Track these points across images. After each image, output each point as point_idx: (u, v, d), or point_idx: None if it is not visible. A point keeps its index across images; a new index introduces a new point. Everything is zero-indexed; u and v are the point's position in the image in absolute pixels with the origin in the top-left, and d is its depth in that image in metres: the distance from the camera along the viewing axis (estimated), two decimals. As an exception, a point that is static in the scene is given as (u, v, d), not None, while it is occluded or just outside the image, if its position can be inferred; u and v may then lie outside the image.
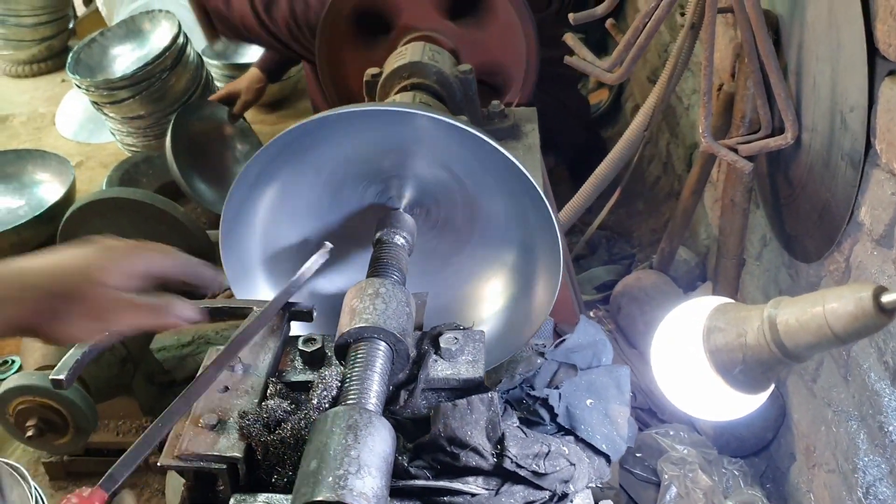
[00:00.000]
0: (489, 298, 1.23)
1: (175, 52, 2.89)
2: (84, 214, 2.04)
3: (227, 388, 1.03)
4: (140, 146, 3.08)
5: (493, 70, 1.83)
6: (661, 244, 2.12)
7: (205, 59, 3.21)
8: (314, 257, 1.10)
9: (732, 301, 0.79)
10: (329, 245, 1.11)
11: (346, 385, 0.95)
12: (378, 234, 1.14)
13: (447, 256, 1.24)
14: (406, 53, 1.62)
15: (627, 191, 2.39)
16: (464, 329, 1.08)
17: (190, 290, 0.92)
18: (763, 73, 1.44)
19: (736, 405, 0.77)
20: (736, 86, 1.51)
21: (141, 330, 0.86)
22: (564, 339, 1.46)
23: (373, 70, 1.64)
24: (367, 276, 1.08)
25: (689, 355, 0.76)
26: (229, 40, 2.59)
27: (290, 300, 1.09)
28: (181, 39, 2.93)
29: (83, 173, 3.31)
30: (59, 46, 4.04)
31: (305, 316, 1.12)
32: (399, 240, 1.14)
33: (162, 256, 0.88)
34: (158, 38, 3.11)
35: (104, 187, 2.80)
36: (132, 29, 3.16)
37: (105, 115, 3.03)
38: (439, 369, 1.02)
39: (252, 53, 3.41)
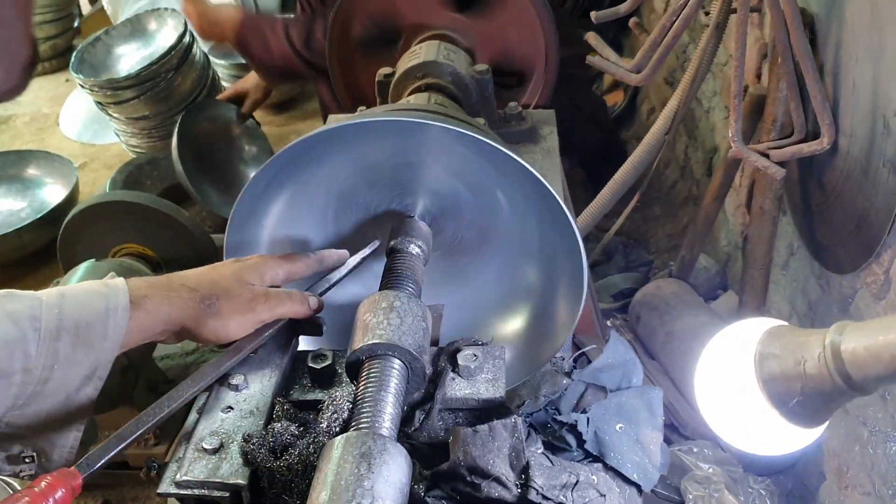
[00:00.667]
0: (508, 314, 1.17)
1: (181, 52, 2.84)
2: (86, 218, 1.98)
3: (230, 408, 0.97)
4: (145, 147, 3.02)
5: (511, 59, 1.76)
6: (682, 251, 2.05)
7: (211, 58, 3.15)
8: (361, 252, 1.09)
9: (785, 324, 0.71)
10: (377, 242, 1.08)
11: (357, 407, 0.88)
12: (392, 243, 1.09)
13: (463, 268, 1.19)
14: (420, 53, 1.56)
15: (644, 196, 2.31)
16: (483, 345, 1.01)
17: None
18: (797, 74, 1.36)
19: (791, 439, 0.69)
20: (767, 88, 1.44)
21: (285, 317, 0.96)
22: (584, 352, 1.40)
23: (385, 70, 1.58)
24: (381, 288, 1.03)
25: (738, 384, 0.69)
26: (278, 83, 2.65)
27: None
28: (187, 38, 2.87)
29: (87, 175, 3.26)
30: (63, 45, 3.99)
31: (314, 329, 1.05)
32: (414, 249, 1.08)
33: (292, 263, 1.00)
34: (164, 37, 3.06)
35: (108, 189, 2.74)
36: (137, 28, 3.11)
37: (109, 115, 2.98)
38: (457, 388, 0.96)
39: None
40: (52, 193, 2.86)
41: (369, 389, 0.88)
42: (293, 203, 1.11)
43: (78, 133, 3.54)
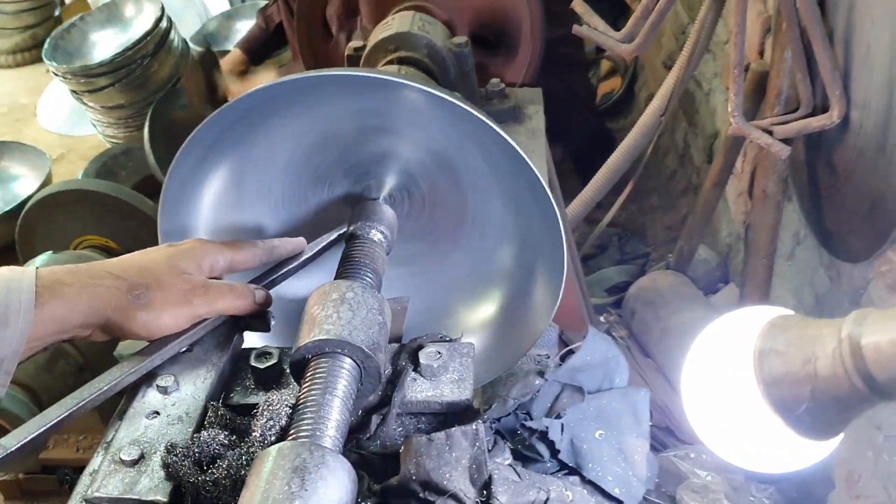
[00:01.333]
0: (480, 303, 1.08)
1: (157, 37, 2.73)
2: (45, 208, 1.88)
3: (156, 414, 0.86)
4: (122, 137, 2.91)
5: (492, 18, 1.64)
6: (680, 242, 1.93)
7: (191, 45, 3.04)
8: (322, 239, 0.99)
9: (792, 313, 0.59)
10: (344, 228, 0.98)
11: (298, 413, 0.77)
12: (351, 229, 0.99)
13: (431, 255, 1.09)
14: (393, 24, 1.45)
15: (641, 185, 2.20)
16: (449, 341, 0.91)
17: None
18: (804, 41, 1.24)
19: (798, 454, 0.57)
20: (770, 58, 1.31)
21: (225, 313, 0.87)
22: (571, 349, 1.31)
23: (355, 43, 1.48)
24: (336, 278, 0.93)
25: (733, 387, 0.57)
26: None
27: None
28: (164, 23, 2.76)
29: (63, 167, 3.14)
30: (43, 35, 3.84)
31: (261, 325, 0.94)
32: (376, 235, 0.98)
33: (235, 251, 0.90)
34: (141, 23, 2.94)
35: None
36: (114, 14, 3.01)
37: (85, 104, 2.87)
38: (418, 390, 0.85)
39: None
40: (25, 186, 2.76)
41: (313, 392, 0.78)
42: (237, 181, 1.00)
43: (56, 125, 3.43)
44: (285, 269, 0.99)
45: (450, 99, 0.86)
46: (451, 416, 0.85)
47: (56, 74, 2.76)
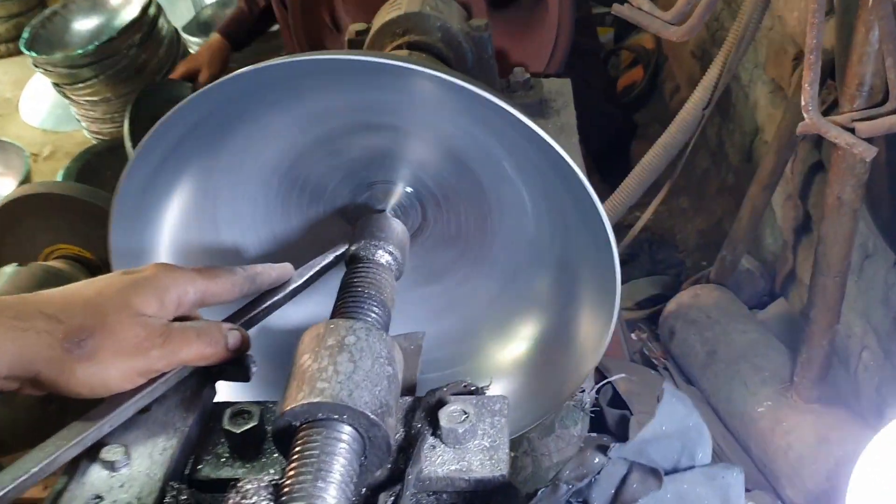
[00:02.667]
0: (511, 338, 0.93)
1: (145, 26, 2.59)
2: (11, 214, 1.70)
3: (99, 499, 0.70)
4: (107, 133, 2.77)
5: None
6: (722, 251, 1.74)
7: (183, 34, 2.87)
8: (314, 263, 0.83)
9: None
10: (344, 247, 0.83)
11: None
12: (353, 248, 0.83)
13: (450, 282, 0.95)
14: (402, 3, 1.26)
15: (672, 184, 2.00)
16: (476, 391, 0.75)
17: None
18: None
19: None
20: (853, 41, 1.11)
21: (190, 364, 0.71)
22: (609, 382, 1.14)
23: (358, 26, 1.31)
24: (333, 314, 0.77)
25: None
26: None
27: None
28: (152, 11, 2.61)
29: (49, 165, 2.99)
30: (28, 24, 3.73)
31: (238, 373, 0.76)
32: (383, 256, 0.83)
33: (209, 280, 0.73)
34: (128, 12, 2.80)
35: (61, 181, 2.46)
36: (98, 1, 2.84)
37: (68, 98, 2.73)
38: (439, 462, 0.69)
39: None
40: (3, 186, 2.60)
41: (302, 477, 0.61)
42: (210, 190, 0.85)
43: (41, 119, 3.28)
44: (270, 302, 0.81)
45: (475, 90, 0.71)
46: (482, 494, 0.68)
47: (36, 66, 2.62)
